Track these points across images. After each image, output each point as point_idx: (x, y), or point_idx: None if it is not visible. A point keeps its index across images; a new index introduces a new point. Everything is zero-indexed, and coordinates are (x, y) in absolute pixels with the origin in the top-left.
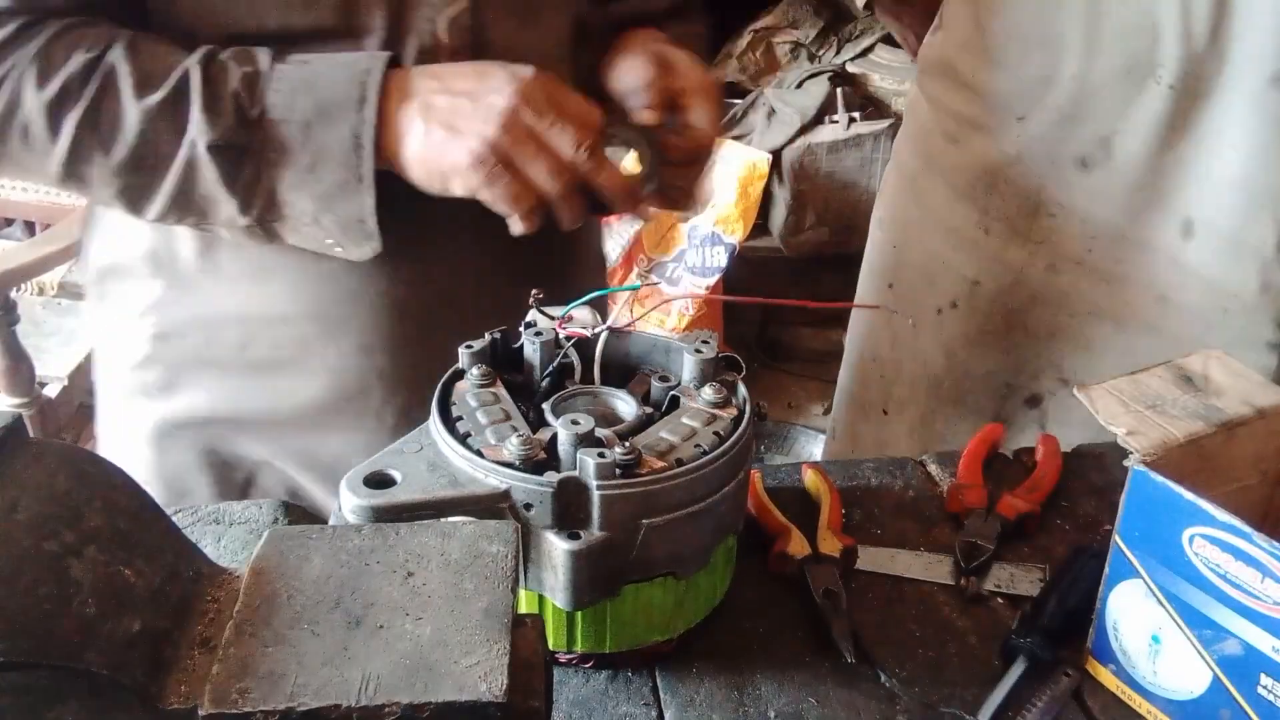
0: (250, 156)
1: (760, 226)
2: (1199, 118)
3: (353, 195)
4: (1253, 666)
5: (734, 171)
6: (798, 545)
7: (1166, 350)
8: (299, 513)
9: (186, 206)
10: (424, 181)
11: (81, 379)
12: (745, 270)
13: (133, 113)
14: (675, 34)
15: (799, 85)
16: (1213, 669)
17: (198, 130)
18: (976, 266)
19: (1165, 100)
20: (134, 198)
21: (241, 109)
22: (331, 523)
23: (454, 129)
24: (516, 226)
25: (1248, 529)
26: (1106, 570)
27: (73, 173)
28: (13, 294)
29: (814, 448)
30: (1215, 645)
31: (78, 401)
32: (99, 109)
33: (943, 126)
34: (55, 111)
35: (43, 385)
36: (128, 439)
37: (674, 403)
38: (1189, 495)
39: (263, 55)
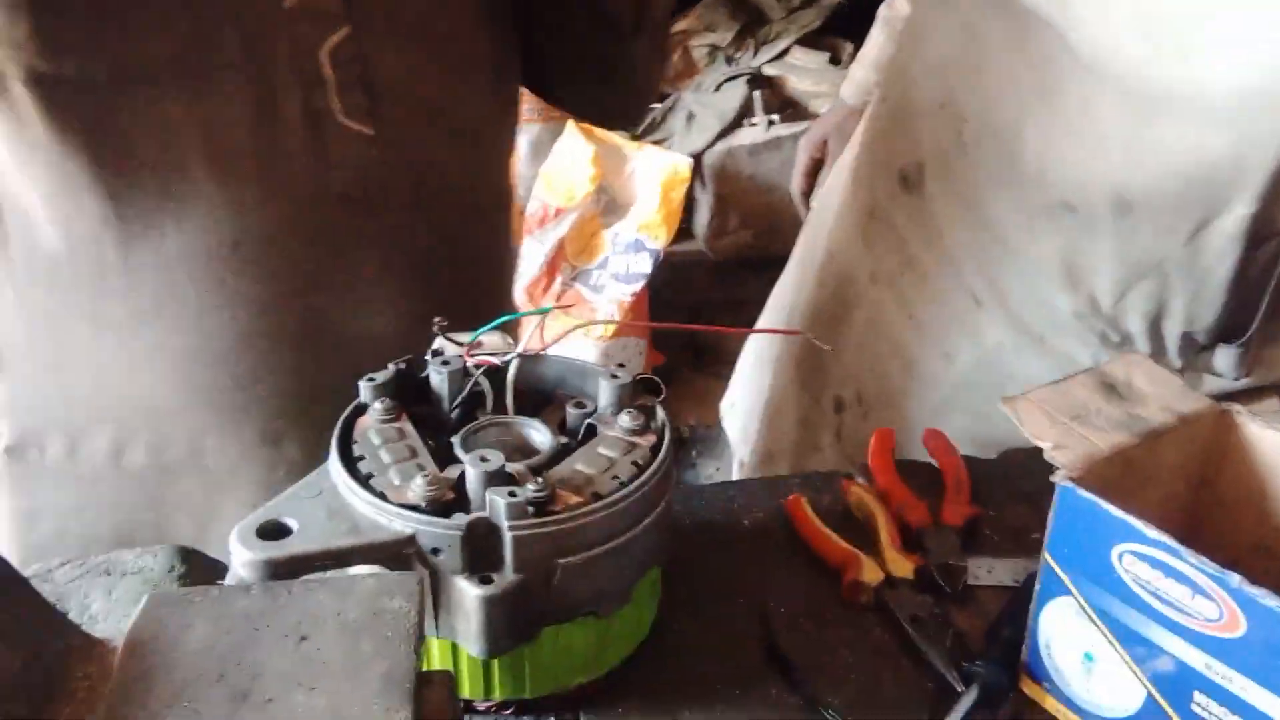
0: None
1: (684, 230)
2: (984, 185)
3: None
4: (1186, 684)
5: (656, 176)
6: (871, 572)
7: (953, 420)
8: (197, 559)
9: None
10: None
11: None
12: (670, 274)
13: None
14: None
15: (717, 88)
16: (1146, 687)
17: None
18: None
19: (961, 150)
20: None
21: None
22: (228, 580)
23: None
24: None
25: (1177, 545)
26: (1037, 587)
27: None
28: None
29: None
30: (1148, 663)
31: None
32: None
33: None
34: None
35: None
36: None
37: (590, 431)
38: (1118, 512)
39: None
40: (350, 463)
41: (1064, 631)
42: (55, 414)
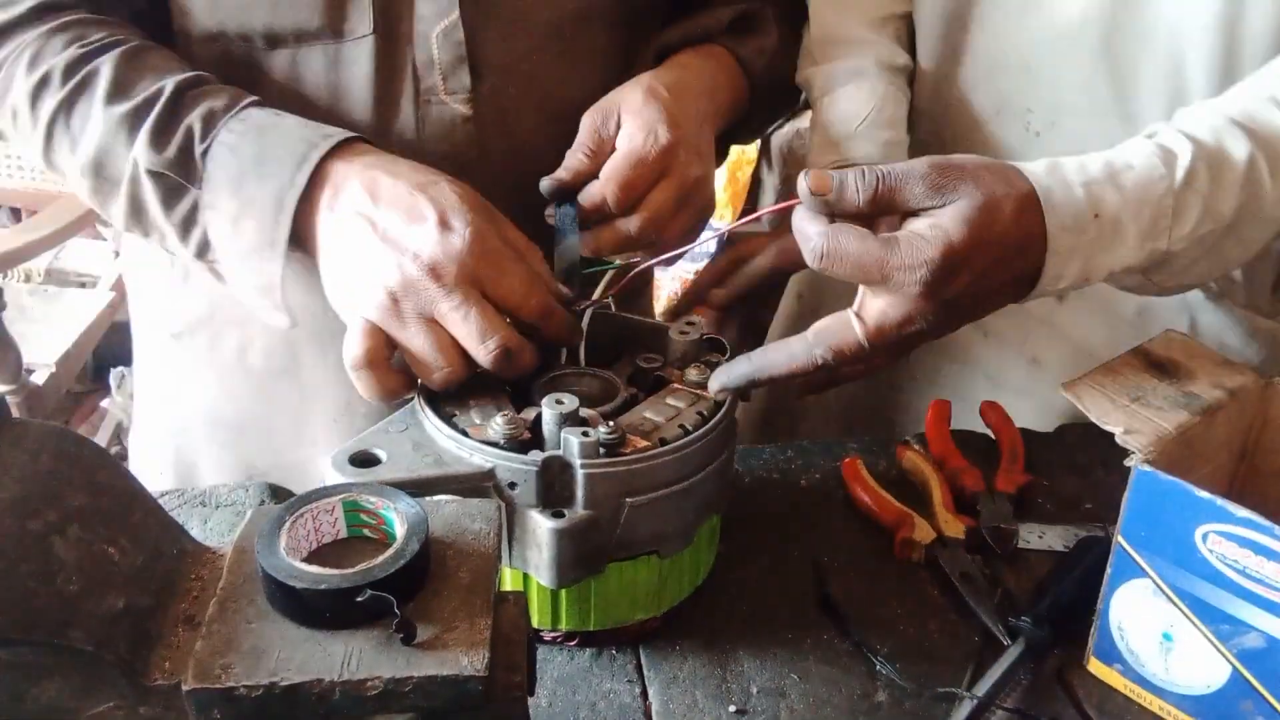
0: (188, 191)
1: (749, 211)
2: None
3: (265, 259)
4: (1275, 657)
5: None
6: (923, 531)
7: (1039, 418)
8: (285, 496)
9: (143, 225)
10: (333, 305)
11: (69, 366)
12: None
13: (98, 116)
14: (741, 51)
15: None
16: (1232, 662)
17: (140, 150)
18: None
19: (1032, 141)
20: (101, 202)
21: (190, 142)
22: None
23: (360, 269)
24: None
25: (1268, 523)
26: (1109, 571)
27: (51, 161)
28: None
29: None
30: (1234, 639)
31: (65, 388)
32: (73, 105)
33: None
34: (35, 98)
35: (30, 372)
36: (156, 431)
37: (659, 383)
38: (1202, 493)
39: (245, 96)
40: (435, 402)
41: (1139, 613)
42: (203, 313)
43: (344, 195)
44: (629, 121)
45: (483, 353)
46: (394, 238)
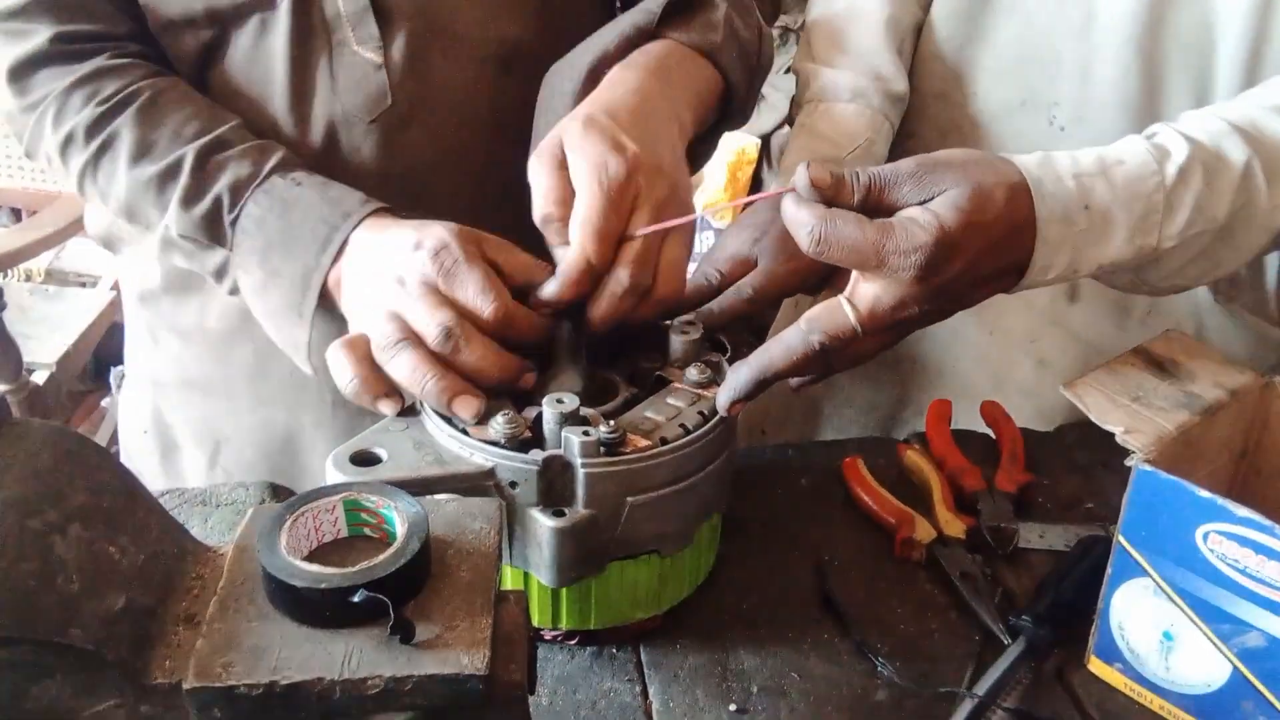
0: (217, 250)
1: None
2: None
3: (293, 324)
4: (1276, 656)
5: (723, 157)
6: (924, 530)
7: (1041, 419)
8: (285, 494)
9: (179, 262)
10: None
11: (69, 366)
12: None
13: (124, 178)
14: (688, 39)
15: (787, 70)
16: (1233, 662)
17: (172, 218)
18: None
19: (1056, 136)
20: (139, 233)
21: (218, 210)
22: None
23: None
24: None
25: (1269, 523)
26: (1110, 570)
27: (88, 199)
28: None
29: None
30: (1235, 639)
31: (65, 388)
32: (99, 165)
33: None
34: (65, 153)
35: (30, 372)
36: (138, 388)
37: (660, 383)
38: (1204, 493)
39: (267, 160)
40: None
41: (1140, 613)
42: (167, 280)
43: (362, 277)
44: (577, 164)
45: (484, 318)
46: (386, 269)
